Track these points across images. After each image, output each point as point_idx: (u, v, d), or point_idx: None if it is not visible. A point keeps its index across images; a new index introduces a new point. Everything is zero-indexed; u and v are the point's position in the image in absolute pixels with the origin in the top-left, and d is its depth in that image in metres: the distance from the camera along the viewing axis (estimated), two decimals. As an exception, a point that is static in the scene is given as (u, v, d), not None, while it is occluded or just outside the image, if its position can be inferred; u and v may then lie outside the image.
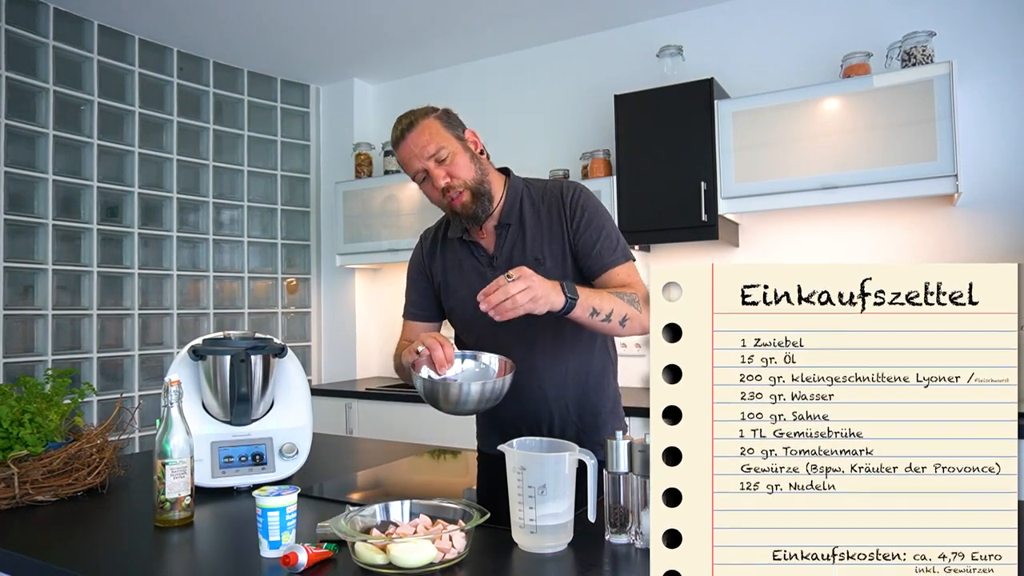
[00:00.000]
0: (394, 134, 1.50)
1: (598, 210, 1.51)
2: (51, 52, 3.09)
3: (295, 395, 1.57)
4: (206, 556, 1.12)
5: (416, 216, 3.56)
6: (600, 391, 1.57)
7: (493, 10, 3.26)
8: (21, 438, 1.35)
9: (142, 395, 3.41)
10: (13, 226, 2.99)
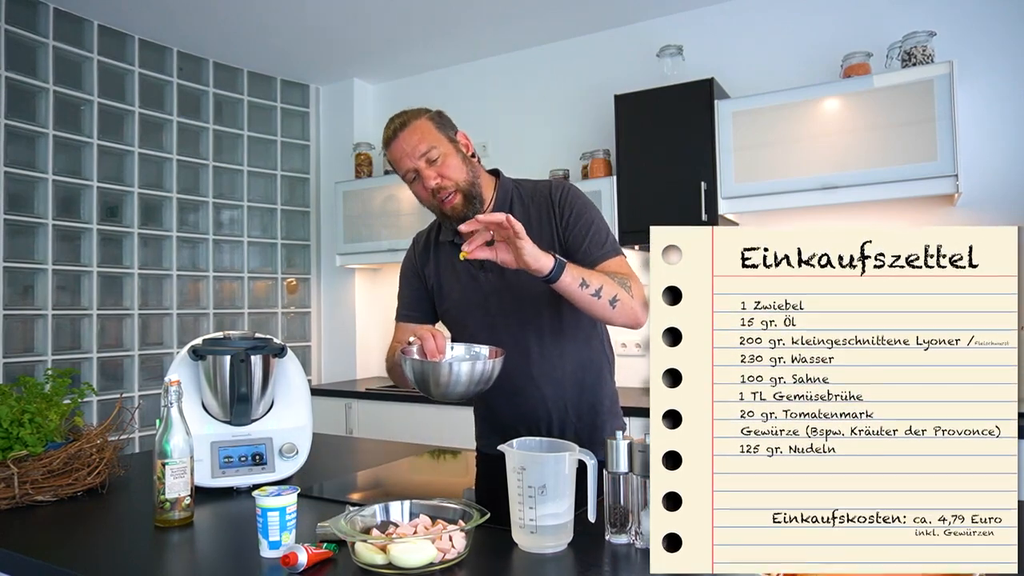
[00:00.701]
0: (386, 133, 1.49)
1: (587, 206, 1.50)
2: (51, 52, 3.09)
3: (295, 395, 1.57)
4: (206, 556, 1.12)
5: (416, 216, 3.56)
6: (597, 389, 1.57)
7: (493, 10, 3.26)
8: (21, 438, 1.35)
9: (142, 395, 3.41)
10: (13, 226, 2.99)
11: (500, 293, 1.51)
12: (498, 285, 1.51)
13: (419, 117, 1.48)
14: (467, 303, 1.55)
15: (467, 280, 1.54)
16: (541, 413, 1.53)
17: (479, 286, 1.53)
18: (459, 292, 1.55)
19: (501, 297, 1.51)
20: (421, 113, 1.49)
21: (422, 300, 1.64)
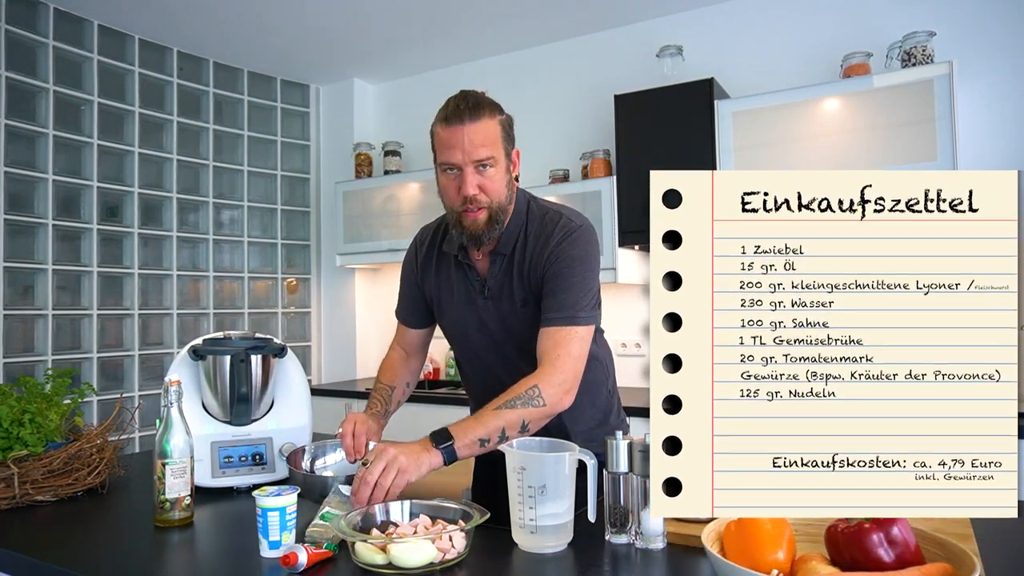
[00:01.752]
0: (450, 108, 1.33)
1: (575, 263, 1.36)
2: (51, 52, 3.09)
3: (295, 395, 1.57)
4: (206, 556, 1.12)
5: (416, 216, 3.56)
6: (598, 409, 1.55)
7: (493, 10, 3.26)
8: (21, 438, 1.35)
9: (142, 395, 3.41)
10: (13, 226, 2.99)
11: (496, 321, 1.47)
12: (495, 314, 1.46)
13: (494, 116, 1.34)
14: (465, 324, 1.51)
15: (465, 302, 1.49)
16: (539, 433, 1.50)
17: (476, 310, 1.48)
18: (458, 312, 1.51)
19: (499, 326, 1.47)
20: (496, 111, 1.35)
21: (419, 305, 1.61)
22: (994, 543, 1.03)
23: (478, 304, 1.48)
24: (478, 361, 1.54)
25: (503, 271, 1.45)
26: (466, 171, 1.33)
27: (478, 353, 1.53)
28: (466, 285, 1.49)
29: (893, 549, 0.76)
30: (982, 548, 0.98)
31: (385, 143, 3.92)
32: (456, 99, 1.35)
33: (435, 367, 3.87)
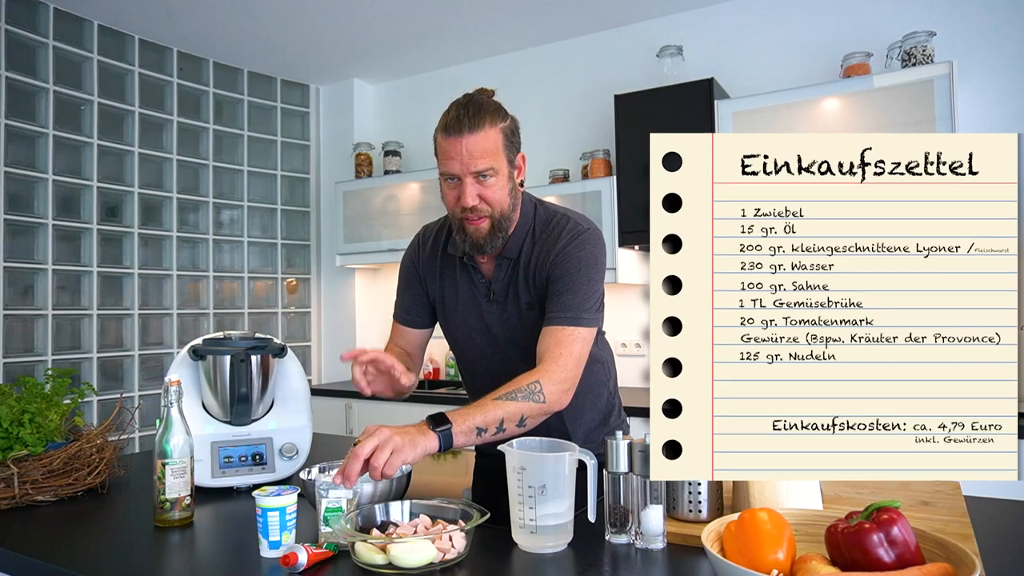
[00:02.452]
0: (451, 119, 1.31)
1: (580, 266, 1.36)
2: (51, 52, 3.09)
3: (295, 395, 1.57)
4: (206, 556, 1.12)
5: (416, 216, 3.56)
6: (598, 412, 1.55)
7: (493, 10, 3.26)
8: (21, 438, 1.35)
9: (142, 395, 3.41)
10: (13, 226, 2.99)
11: (501, 325, 1.46)
12: (500, 318, 1.46)
13: (495, 124, 1.31)
14: (468, 327, 1.50)
15: (471, 306, 1.49)
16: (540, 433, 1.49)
17: (481, 313, 1.48)
18: (462, 315, 1.50)
19: (504, 329, 1.47)
20: (498, 119, 1.32)
21: (421, 304, 1.58)
22: (994, 543, 1.03)
23: (483, 308, 1.47)
24: (480, 365, 1.53)
25: (508, 275, 1.44)
26: (465, 181, 1.32)
27: (481, 356, 1.52)
28: (471, 288, 1.48)
29: (893, 549, 0.76)
30: (982, 548, 0.98)
31: (385, 143, 3.92)
32: (457, 107, 1.33)
33: (435, 367, 3.87)
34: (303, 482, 1.23)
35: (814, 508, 1.02)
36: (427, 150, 4.00)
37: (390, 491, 1.20)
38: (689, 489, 1.10)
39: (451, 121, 1.31)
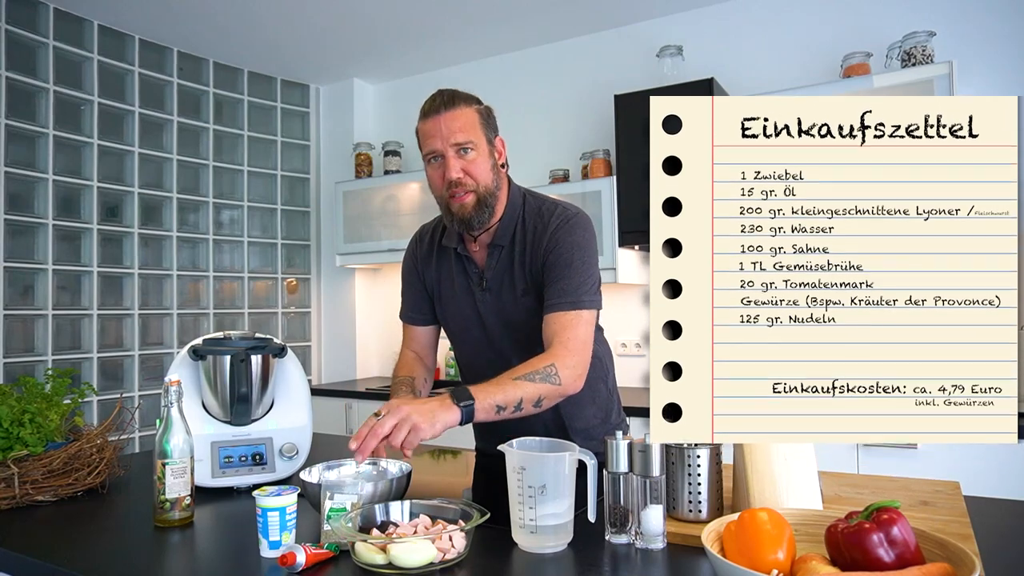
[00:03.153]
0: (427, 104, 1.41)
1: (575, 249, 1.39)
2: (51, 52, 3.09)
3: (295, 395, 1.57)
4: (206, 556, 1.12)
5: (416, 216, 3.56)
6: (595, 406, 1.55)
7: (493, 10, 3.26)
8: (21, 438, 1.35)
9: (142, 395, 3.41)
10: (13, 226, 2.99)
11: (495, 314, 1.48)
12: (494, 306, 1.48)
13: (470, 105, 1.40)
14: (464, 318, 1.53)
15: (465, 296, 1.51)
16: (538, 428, 1.50)
17: (474, 302, 1.50)
18: (456, 306, 1.53)
19: (498, 318, 1.48)
20: (472, 102, 1.41)
21: (424, 301, 1.62)
22: (994, 543, 1.03)
23: (476, 296, 1.49)
24: (477, 356, 1.55)
25: (501, 263, 1.46)
26: (448, 155, 1.38)
27: (477, 347, 1.53)
28: (465, 278, 1.51)
29: (893, 549, 0.76)
30: (982, 548, 0.98)
31: (385, 143, 3.92)
32: (432, 96, 1.42)
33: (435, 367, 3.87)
34: (303, 482, 1.23)
35: (814, 508, 1.02)
36: (427, 150, 4.00)
37: (390, 491, 1.20)
38: (689, 489, 1.10)
39: (428, 106, 1.41)
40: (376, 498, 1.17)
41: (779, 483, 1.03)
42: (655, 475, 1.02)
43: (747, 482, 1.05)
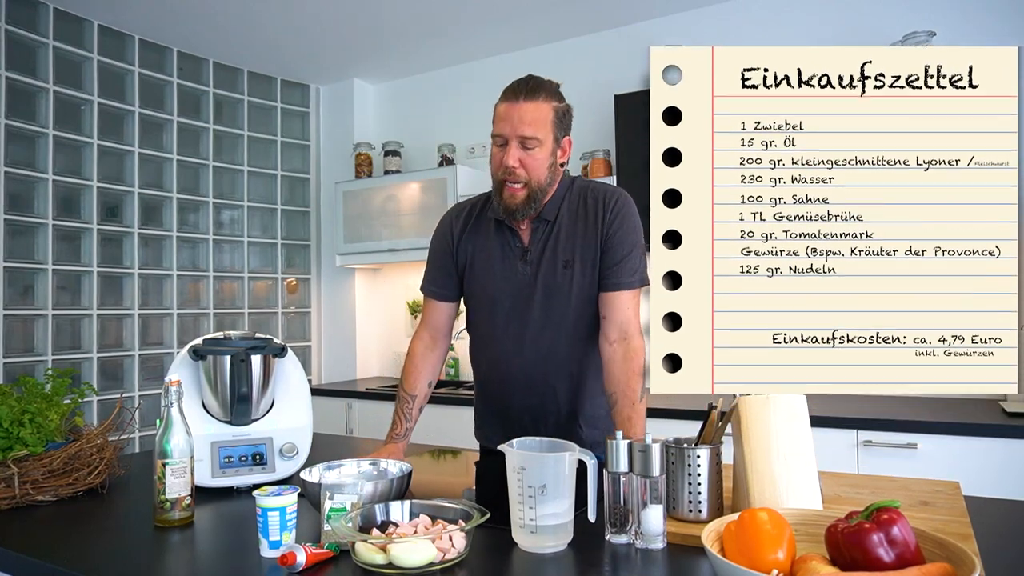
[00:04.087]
0: (512, 87, 1.46)
1: (634, 228, 1.49)
2: (51, 52, 3.09)
3: (295, 395, 1.57)
4: (206, 556, 1.12)
5: (416, 216, 3.56)
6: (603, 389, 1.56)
7: (493, 10, 3.26)
8: (21, 438, 1.35)
9: (142, 395, 3.41)
10: (13, 226, 2.99)
11: (534, 287, 1.51)
12: (533, 280, 1.51)
13: (549, 101, 1.45)
14: (499, 289, 1.54)
15: (505, 266, 1.54)
16: (550, 407, 1.53)
17: (516, 276, 1.53)
18: (493, 276, 1.55)
19: (533, 291, 1.51)
20: (552, 97, 1.46)
21: (451, 276, 1.63)
22: (994, 543, 1.03)
23: (518, 270, 1.52)
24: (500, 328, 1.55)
25: (545, 237, 1.51)
26: (511, 144, 1.43)
27: (504, 319, 1.54)
28: (506, 250, 1.54)
29: (893, 549, 0.76)
30: (982, 548, 0.98)
31: (385, 143, 3.92)
32: (520, 79, 1.48)
33: (439, 362, 3.86)
34: (303, 482, 1.23)
35: (814, 508, 1.02)
36: (427, 150, 4.01)
37: (390, 491, 1.20)
38: (689, 489, 1.10)
39: (511, 88, 1.46)
40: (376, 498, 1.17)
41: (779, 483, 1.03)
42: (655, 475, 1.02)
43: (747, 482, 1.05)
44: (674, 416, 2.51)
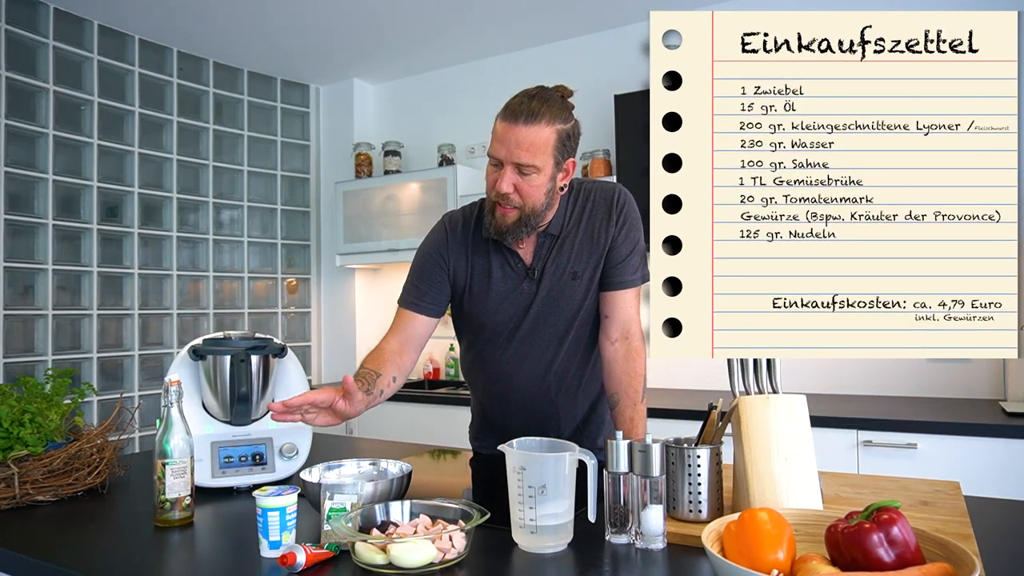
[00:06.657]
0: (513, 104, 1.34)
1: (638, 223, 1.47)
2: (51, 52, 3.09)
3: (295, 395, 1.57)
4: (206, 556, 1.12)
5: (416, 216, 3.56)
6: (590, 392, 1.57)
7: (493, 10, 3.26)
8: (21, 438, 1.35)
9: (142, 395, 3.41)
10: (13, 226, 2.99)
11: (538, 304, 1.47)
12: (537, 297, 1.47)
13: (552, 124, 1.32)
14: (502, 311, 1.49)
15: (507, 287, 1.48)
16: (551, 425, 1.52)
17: (519, 294, 1.47)
18: (495, 298, 1.48)
19: (537, 309, 1.47)
20: (557, 120, 1.33)
21: (440, 292, 1.51)
22: (994, 543, 1.03)
23: (522, 288, 1.47)
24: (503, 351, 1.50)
25: (549, 250, 1.47)
26: (506, 168, 1.34)
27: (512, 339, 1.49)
28: (507, 271, 1.48)
29: (893, 549, 0.76)
30: (982, 548, 0.98)
31: (385, 143, 3.92)
32: (524, 95, 1.36)
33: (435, 367, 3.87)
34: (303, 482, 1.23)
35: (814, 508, 1.02)
36: (427, 150, 4.01)
37: (390, 491, 1.20)
38: (689, 489, 1.10)
39: (511, 107, 1.34)
40: (376, 498, 1.17)
41: (779, 483, 1.03)
42: (655, 475, 1.02)
43: (747, 482, 1.05)
44: (674, 416, 2.51)
